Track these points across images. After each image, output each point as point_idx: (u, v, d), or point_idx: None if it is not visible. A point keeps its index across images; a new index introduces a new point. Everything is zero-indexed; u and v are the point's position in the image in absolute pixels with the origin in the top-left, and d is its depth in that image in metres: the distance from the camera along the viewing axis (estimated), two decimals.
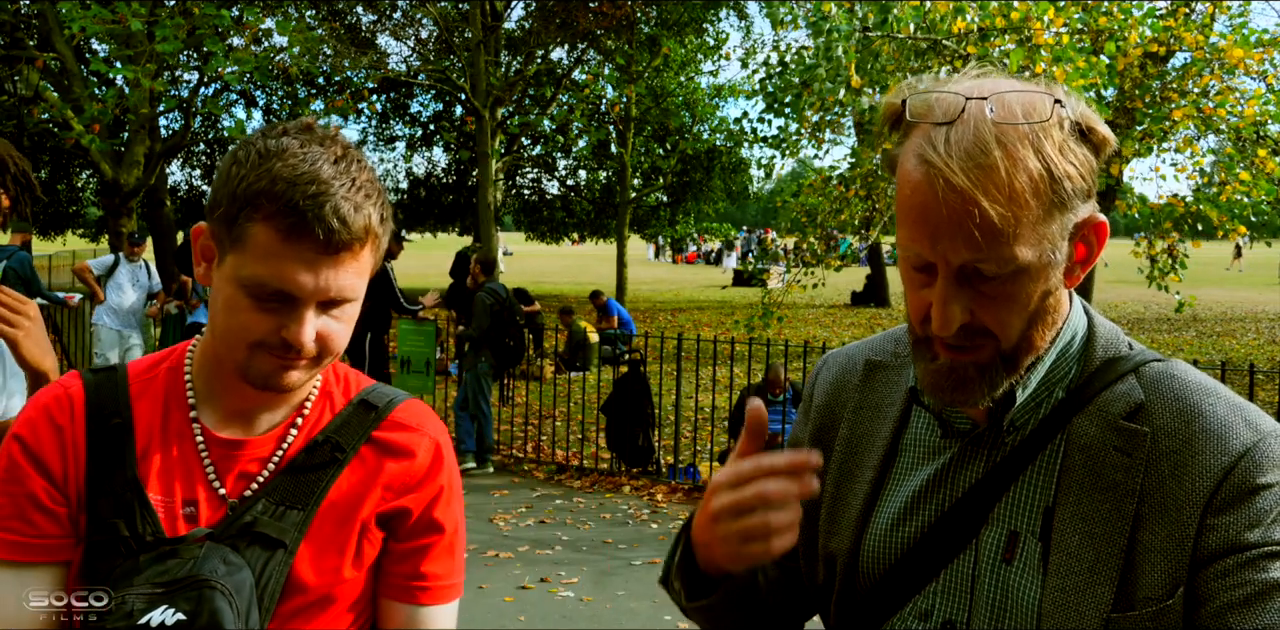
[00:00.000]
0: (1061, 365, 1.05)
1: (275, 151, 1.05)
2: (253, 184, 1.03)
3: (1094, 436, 1.01)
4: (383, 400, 1.22)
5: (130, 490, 1.11)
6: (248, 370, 1.09)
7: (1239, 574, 0.92)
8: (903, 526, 1.10)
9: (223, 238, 1.07)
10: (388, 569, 1.20)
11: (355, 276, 1.08)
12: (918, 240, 0.95)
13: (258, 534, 1.10)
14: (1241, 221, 8.76)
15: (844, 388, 1.22)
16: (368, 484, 1.17)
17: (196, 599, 1.03)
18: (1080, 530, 0.99)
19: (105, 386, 1.17)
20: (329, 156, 1.06)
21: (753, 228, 48.51)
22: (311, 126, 1.10)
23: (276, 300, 1.05)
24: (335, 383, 1.24)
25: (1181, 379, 1.03)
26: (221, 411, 1.17)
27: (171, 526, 1.11)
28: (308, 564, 1.12)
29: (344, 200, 1.03)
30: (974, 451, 1.07)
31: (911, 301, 1.01)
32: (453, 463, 1.24)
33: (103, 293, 8.98)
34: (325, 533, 1.14)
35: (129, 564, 1.07)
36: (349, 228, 1.04)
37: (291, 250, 1.03)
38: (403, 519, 1.18)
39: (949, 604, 1.06)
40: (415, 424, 1.22)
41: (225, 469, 1.14)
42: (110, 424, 1.14)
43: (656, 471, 7.71)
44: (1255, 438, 0.96)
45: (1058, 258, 0.96)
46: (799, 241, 10.46)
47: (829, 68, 7.40)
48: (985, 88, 0.95)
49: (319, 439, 1.17)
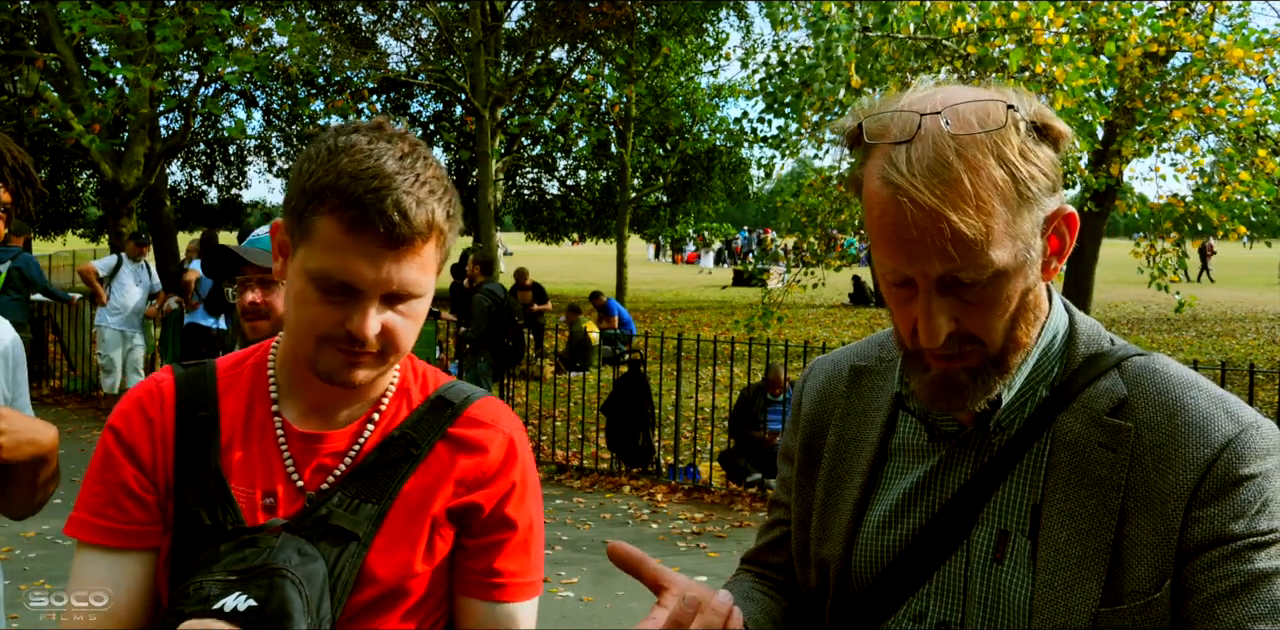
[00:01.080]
0: (1044, 364, 1.06)
1: (343, 148, 1.07)
2: (320, 179, 1.06)
3: (1079, 433, 1.02)
4: (459, 397, 1.24)
5: (214, 481, 1.15)
6: (316, 364, 1.12)
7: (1225, 565, 0.93)
8: (893, 530, 1.11)
9: (294, 231, 1.11)
10: (462, 565, 1.21)
11: (419, 271, 1.09)
12: (894, 258, 0.96)
13: (332, 526, 1.12)
14: (1241, 221, 8.76)
15: (831, 395, 1.23)
16: (440, 479, 1.18)
17: (268, 586, 1.06)
18: (1068, 526, 1.00)
19: (195, 381, 1.22)
20: (395, 152, 1.08)
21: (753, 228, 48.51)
22: (382, 125, 1.13)
23: (341, 292, 1.07)
24: (413, 379, 1.26)
25: (1163, 373, 1.04)
26: (302, 406, 1.20)
27: (251, 517, 1.14)
28: (380, 557, 1.14)
29: (406, 195, 1.05)
30: (961, 453, 1.08)
31: (897, 316, 1.02)
32: (529, 459, 1.25)
33: (106, 294, 8.98)
34: (398, 527, 1.15)
35: (210, 552, 1.11)
36: (410, 222, 1.05)
37: (354, 243, 1.05)
38: (474, 515, 1.19)
39: (942, 605, 1.07)
40: (490, 420, 1.23)
41: (304, 462, 1.17)
42: (197, 416, 1.19)
43: (656, 471, 7.71)
44: (1237, 429, 0.97)
45: (1033, 255, 0.98)
46: (799, 241, 10.47)
47: (829, 68, 7.41)
48: (938, 101, 0.96)
49: (395, 435, 1.19)
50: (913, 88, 1.02)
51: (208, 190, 25.75)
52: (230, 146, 24.46)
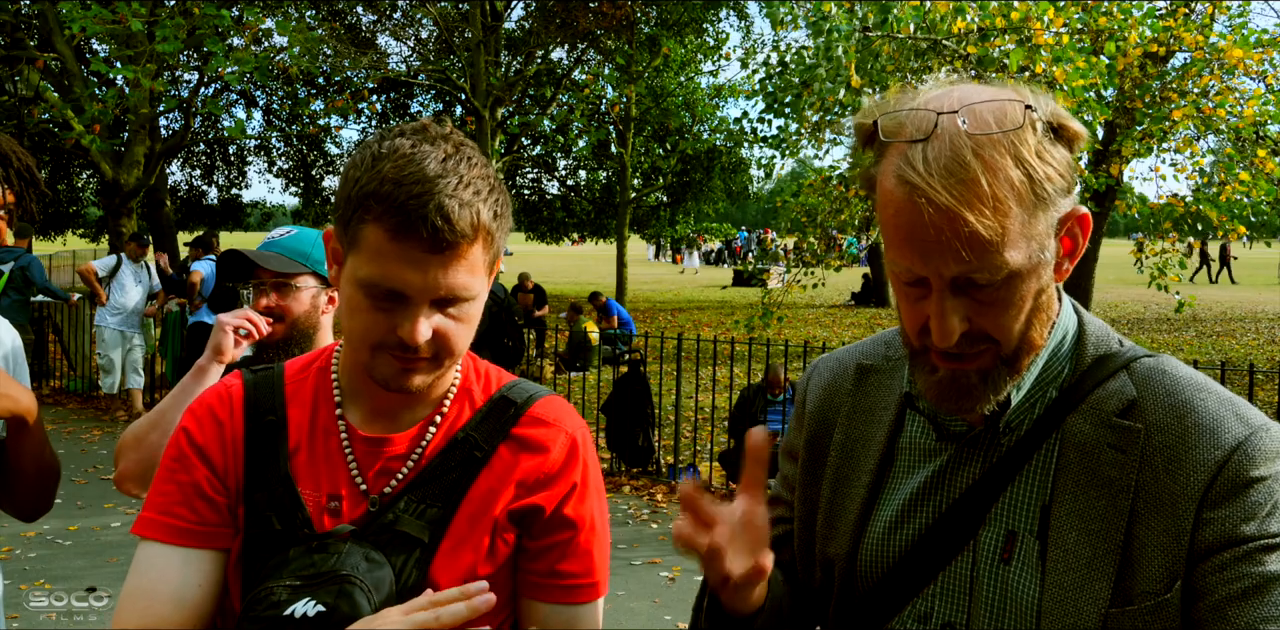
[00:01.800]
0: (1054, 365, 1.06)
1: (387, 153, 1.06)
2: (364, 186, 1.05)
3: (1088, 434, 1.02)
4: (522, 396, 1.23)
5: (282, 485, 1.16)
6: (372, 371, 1.12)
7: (1236, 568, 0.93)
8: (900, 529, 1.10)
9: (343, 239, 1.10)
10: (524, 567, 1.20)
11: (467, 274, 1.08)
12: (908, 258, 0.96)
13: (399, 533, 1.13)
14: (1241, 221, 8.76)
15: (836, 393, 1.22)
16: (503, 481, 1.17)
17: (337, 593, 1.06)
18: (1077, 527, 0.99)
19: (263, 386, 1.23)
20: (438, 155, 1.07)
21: (753, 228, 48.52)
22: (426, 127, 1.11)
23: (390, 300, 1.07)
24: (475, 380, 1.25)
25: (1173, 375, 1.03)
26: (365, 409, 1.20)
27: (319, 521, 1.15)
28: (445, 562, 1.14)
29: (449, 198, 1.04)
30: (970, 453, 1.08)
31: (907, 315, 1.02)
32: (591, 459, 1.24)
33: (105, 294, 8.99)
34: (462, 531, 1.15)
35: (279, 556, 1.12)
36: (454, 226, 1.04)
37: (399, 249, 1.04)
38: (535, 516, 1.18)
39: (948, 605, 1.07)
40: (553, 419, 1.22)
41: (367, 465, 1.17)
42: (265, 421, 1.20)
43: (656, 471, 7.71)
44: (1247, 432, 0.97)
45: (1046, 256, 0.97)
46: (799, 241, 10.47)
47: (829, 68, 7.41)
48: (954, 99, 0.96)
49: (459, 437, 1.19)
50: (928, 85, 1.01)
51: (208, 190, 25.75)
52: (230, 146, 24.47)
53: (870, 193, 1.00)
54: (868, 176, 1.00)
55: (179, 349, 9.47)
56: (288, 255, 2.05)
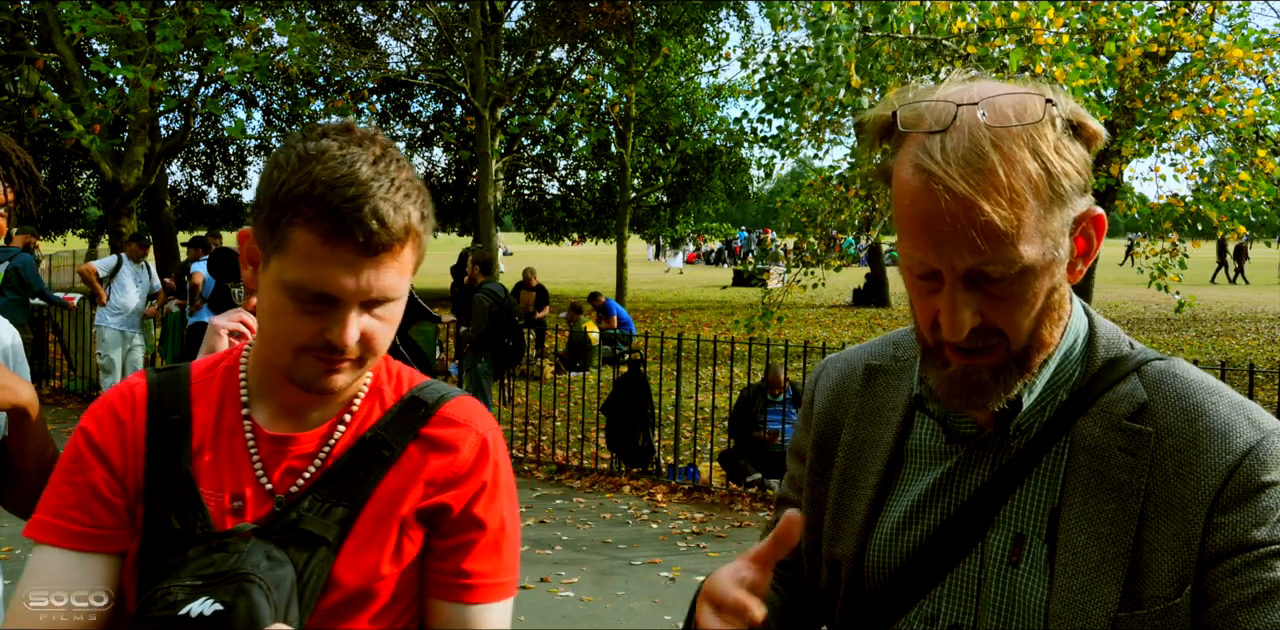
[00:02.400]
0: (1066, 368, 1.05)
1: (314, 154, 1.05)
2: (293, 188, 1.04)
3: (1098, 437, 1.01)
4: (433, 397, 1.22)
5: (183, 485, 1.14)
6: (294, 373, 1.10)
7: (1247, 573, 0.92)
8: (908, 531, 1.10)
9: (266, 242, 1.08)
10: (431, 566, 1.19)
11: (397, 276, 1.08)
12: (921, 249, 0.95)
13: (302, 531, 1.12)
14: (1241, 221, 8.76)
15: (845, 393, 1.21)
16: (411, 480, 1.17)
17: (235, 591, 1.05)
18: (1086, 531, 0.99)
19: (167, 385, 1.21)
20: (368, 157, 1.06)
21: (753, 228, 48.51)
22: (351, 127, 1.10)
23: (319, 303, 1.06)
24: (387, 380, 1.24)
25: (1184, 378, 1.03)
26: (273, 408, 1.19)
27: (220, 521, 1.13)
28: (349, 561, 1.13)
29: (383, 201, 1.04)
30: (979, 455, 1.07)
31: (919, 309, 1.01)
32: (502, 459, 1.23)
33: (106, 294, 8.99)
34: (368, 530, 1.14)
35: (178, 557, 1.10)
36: (389, 229, 1.04)
37: (332, 253, 1.03)
38: (443, 515, 1.18)
39: (955, 608, 1.06)
40: (463, 420, 1.21)
41: (273, 465, 1.16)
42: (169, 420, 1.18)
43: (656, 471, 7.71)
44: (1259, 436, 0.96)
45: (1060, 254, 0.96)
46: (799, 241, 10.46)
47: (829, 68, 7.40)
48: (974, 93, 0.95)
49: (367, 436, 1.18)
50: (949, 79, 1.01)
51: (208, 190, 25.76)
52: (230, 146, 24.47)
53: (885, 186, 1.00)
54: (884, 169, 1.00)
55: (179, 349, 9.48)
56: None
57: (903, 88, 1.01)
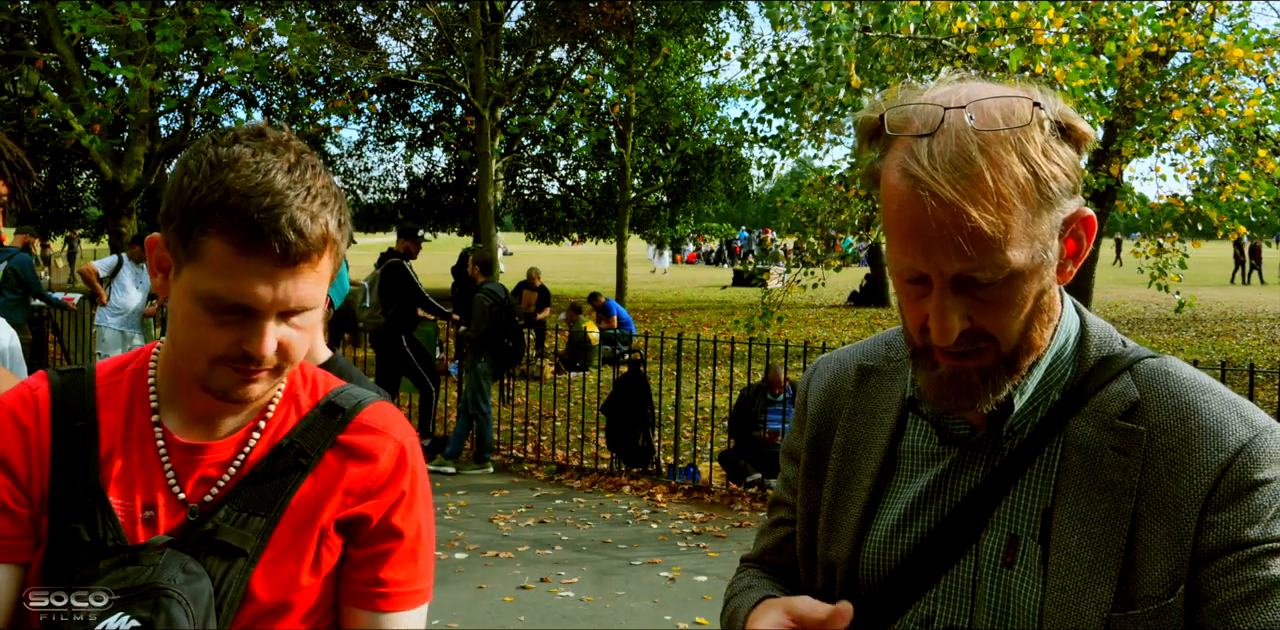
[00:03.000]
0: (1057, 368, 1.05)
1: (227, 161, 1.02)
2: (205, 197, 1.00)
3: (1091, 437, 1.01)
4: (349, 402, 1.20)
5: (92, 494, 1.09)
6: (208, 383, 1.08)
7: (1240, 571, 0.92)
8: (902, 533, 1.09)
9: (178, 250, 1.05)
10: (347, 575, 1.17)
11: (314, 285, 1.06)
12: (910, 254, 0.95)
13: (218, 542, 1.08)
14: (1241, 221, 8.76)
15: (838, 394, 1.21)
16: (330, 489, 1.14)
17: (153, 607, 1.02)
18: (1079, 530, 0.98)
19: (71, 388, 1.16)
20: (282, 165, 1.03)
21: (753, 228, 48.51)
22: (263, 131, 1.07)
23: (235, 313, 1.03)
24: (302, 385, 1.21)
25: (1176, 376, 1.02)
26: (184, 415, 1.16)
27: (131, 531, 1.09)
28: (267, 572, 1.11)
29: (299, 211, 1.01)
30: (972, 457, 1.07)
31: (908, 312, 1.01)
32: (419, 466, 1.21)
33: (106, 294, 8.99)
34: (286, 540, 1.12)
35: (88, 569, 1.06)
36: (306, 239, 1.02)
37: (248, 264, 1.01)
38: (362, 525, 1.16)
39: (950, 610, 1.06)
40: (381, 427, 1.19)
41: (186, 473, 1.13)
42: (74, 426, 1.13)
43: (656, 471, 7.71)
44: (1251, 434, 0.96)
45: (1049, 257, 0.96)
46: (799, 241, 10.46)
47: (829, 68, 7.40)
48: (962, 95, 0.95)
49: (283, 444, 1.15)
50: (938, 81, 1.00)
51: None
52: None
53: (874, 188, 0.99)
54: (872, 172, 0.99)
55: None
56: None
57: (891, 93, 1.01)
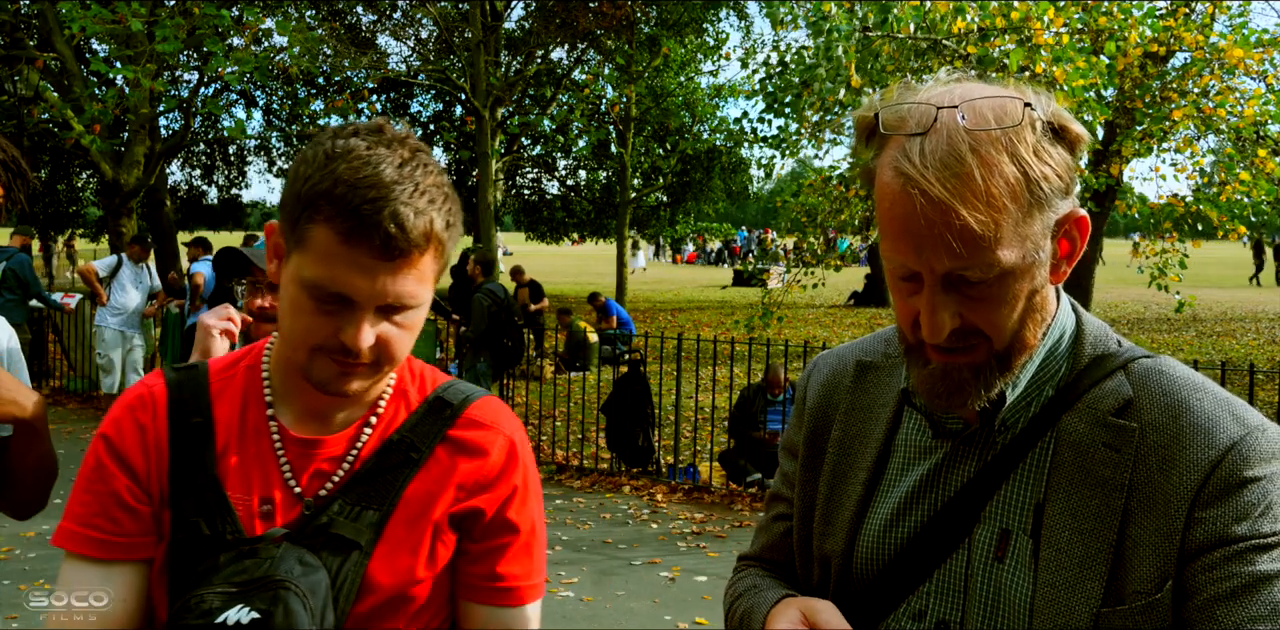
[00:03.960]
0: (1051, 364, 1.06)
1: (341, 152, 1.04)
2: (316, 185, 1.03)
3: (1083, 433, 1.02)
4: (458, 397, 1.21)
5: (210, 489, 1.12)
6: (309, 373, 1.09)
7: (1226, 567, 0.93)
8: (896, 527, 1.10)
9: (288, 236, 1.07)
10: (464, 570, 1.19)
11: (416, 283, 1.06)
12: (902, 252, 0.96)
13: (334, 535, 1.10)
14: (1241, 221, 8.76)
15: (836, 389, 1.22)
16: (441, 484, 1.16)
17: (271, 599, 1.04)
18: (1070, 526, 0.99)
19: (187, 385, 1.19)
20: (394, 159, 1.04)
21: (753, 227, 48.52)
22: (383, 127, 1.09)
23: (335, 303, 1.04)
24: (411, 380, 1.23)
25: (1169, 375, 1.03)
26: (298, 410, 1.18)
27: (249, 525, 1.12)
28: (382, 565, 1.12)
29: (404, 205, 1.02)
30: (965, 451, 1.08)
31: (900, 309, 1.02)
32: (529, 460, 1.23)
33: (106, 294, 8.99)
34: (400, 533, 1.13)
35: (209, 563, 1.08)
36: (407, 234, 1.02)
37: (349, 254, 1.02)
38: (476, 519, 1.17)
39: (943, 603, 1.07)
40: (490, 421, 1.21)
41: (301, 467, 1.15)
42: (191, 422, 1.15)
43: (656, 471, 7.71)
44: (1242, 432, 0.96)
45: (1041, 257, 0.97)
46: (799, 241, 10.46)
47: (829, 68, 7.40)
48: (956, 95, 0.96)
49: (394, 438, 1.17)
50: (935, 80, 1.02)
51: (208, 190, 25.73)
52: (230, 146, 24.44)
53: (869, 186, 1.01)
54: (867, 170, 1.01)
55: (179, 349, 9.47)
56: None
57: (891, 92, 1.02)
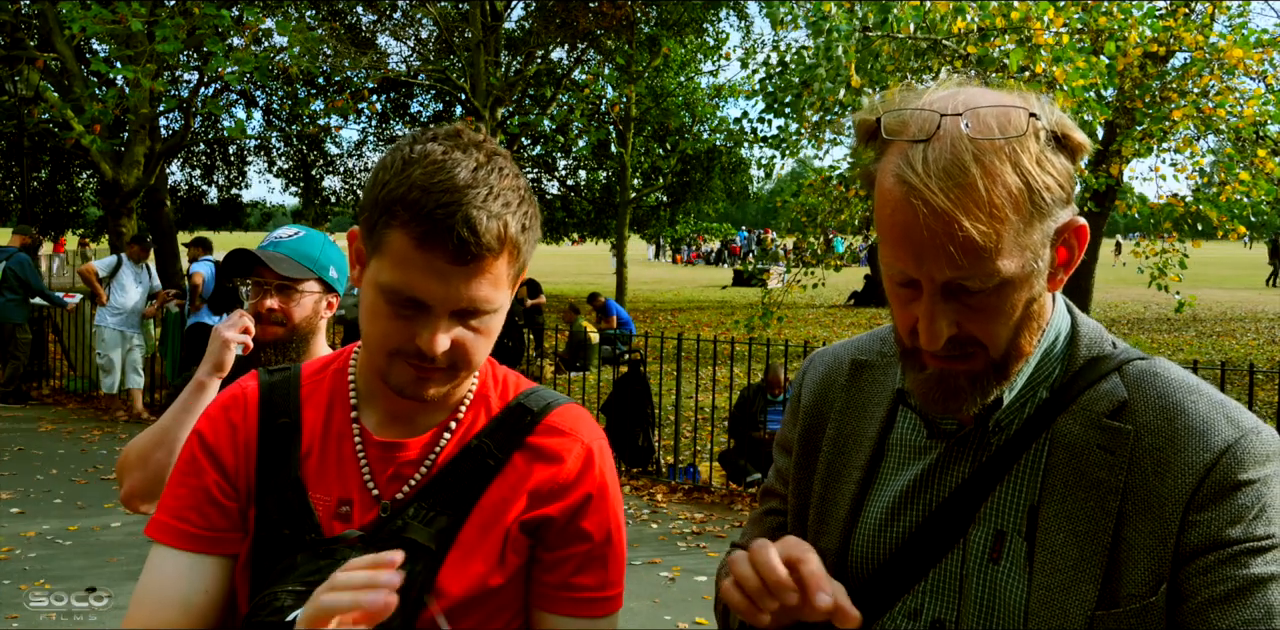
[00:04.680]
0: (1045, 365, 1.06)
1: (417, 158, 1.04)
2: (393, 191, 1.03)
3: (1078, 435, 1.02)
4: (539, 404, 1.21)
5: (293, 489, 1.14)
6: (387, 377, 1.10)
7: (1220, 570, 0.93)
8: (890, 526, 1.10)
9: (367, 241, 1.09)
10: (537, 578, 1.18)
11: (491, 287, 1.06)
12: (901, 259, 0.96)
13: (407, 539, 1.11)
14: (1241, 221, 8.76)
15: (831, 387, 1.22)
16: (516, 490, 1.16)
17: None
18: (1064, 528, 0.99)
19: (279, 387, 1.22)
20: (470, 163, 1.04)
21: (753, 227, 48.53)
22: (461, 132, 1.09)
23: (411, 307, 1.05)
24: (494, 385, 1.23)
25: (1164, 377, 1.03)
26: (381, 413, 1.19)
27: (328, 525, 1.13)
28: (453, 571, 1.12)
29: (477, 210, 1.02)
30: (960, 452, 1.08)
31: (898, 315, 1.02)
32: (608, 468, 1.22)
33: (106, 294, 9.00)
34: (472, 539, 1.14)
35: (287, 562, 1.11)
36: (480, 238, 1.02)
37: (423, 258, 1.02)
38: (548, 527, 1.17)
39: (937, 603, 1.07)
40: (569, 428, 1.20)
41: (380, 470, 1.16)
42: (279, 423, 1.18)
43: (656, 471, 7.71)
44: (1237, 434, 0.96)
45: (1040, 266, 0.97)
46: (799, 241, 10.46)
47: (829, 68, 7.40)
48: (959, 102, 0.95)
49: (472, 444, 1.17)
50: (938, 83, 1.01)
51: (208, 190, 25.69)
52: (230, 146, 24.42)
53: (869, 189, 1.00)
54: (867, 173, 1.00)
55: (179, 349, 9.48)
56: (295, 258, 2.02)
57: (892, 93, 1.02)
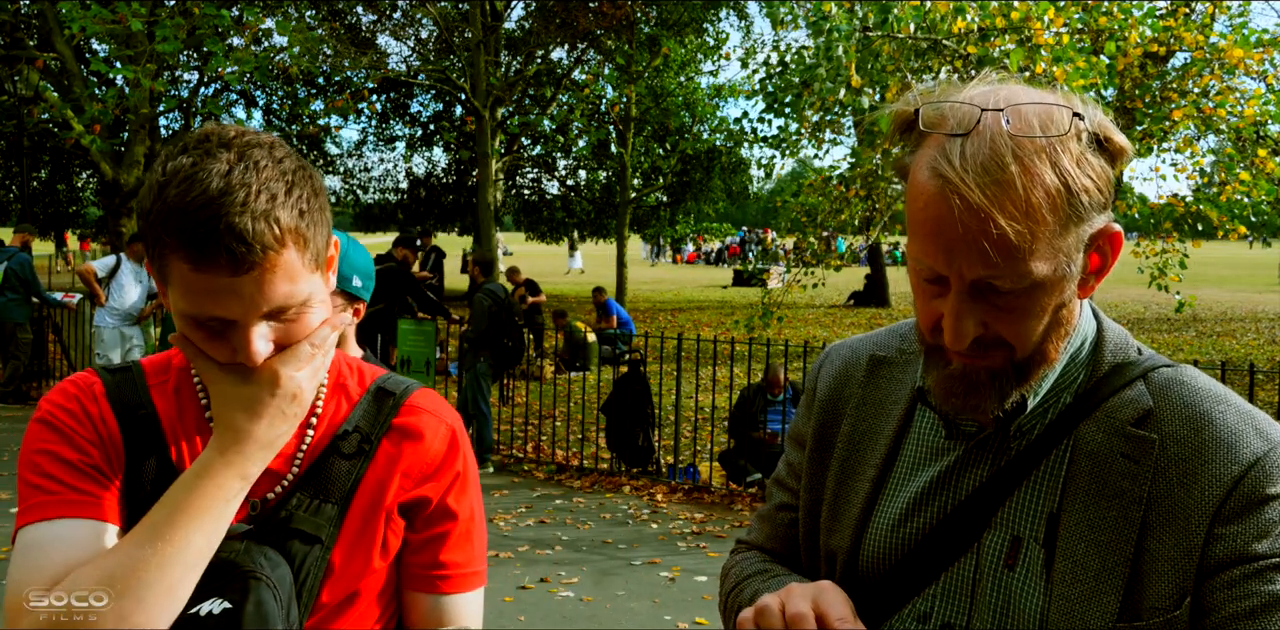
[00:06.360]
0: (1070, 371, 1.04)
1: (169, 176, 0.99)
2: (155, 218, 0.99)
3: (1101, 443, 1.00)
4: (399, 387, 1.23)
5: (169, 479, 1.09)
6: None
7: (1245, 585, 0.91)
8: (904, 527, 1.08)
9: (156, 273, 1.04)
10: (407, 560, 1.20)
11: (287, 283, 1.02)
12: (931, 254, 0.93)
13: (295, 530, 1.10)
14: (1241, 221, 8.76)
15: (848, 382, 1.20)
16: (390, 472, 1.17)
17: (242, 590, 1.04)
18: (1086, 538, 0.97)
19: (124, 382, 1.17)
20: (221, 168, 0.98)
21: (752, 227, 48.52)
22: (209, 135, 1.03)
23: (219, 323, 1.03)
24: (349, 374, 1.24)
25: (1191, 385, 1.01)
26: None
27: None
28: (343, 557, 1.13)
29: (239, 216, 0.96)
30: (979, 454, 1.06)
31: (922, 311, 1.00)
32: (467, 448, 1.24)
33: (105, 295, 9.00)
34: (357, 525, 1.15)
35: None
36: (250, 244, 0.97)
37: (205, 280, 0.98)
38: (421, 508, 1.19)
39: (948, 607, 1.05)
40: (432, 409, 1.22)
41: None
42: (138, 415, 1.14)
43: (656, 471, 7.71)
44: (1266, 447, 0.94)
45: (1073, 270, 0.94)
46: (799, 241, 10.46)
47: (829, 68, 7.40)
48: (1000, 98, 0.93)
49: (346, 429, 1.17)
50: (979, 78, 0.98)
51: None
52: None
53: (903, 181, 0.98)
54: (901, 166, 0.98)
55: None
56: None
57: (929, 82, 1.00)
